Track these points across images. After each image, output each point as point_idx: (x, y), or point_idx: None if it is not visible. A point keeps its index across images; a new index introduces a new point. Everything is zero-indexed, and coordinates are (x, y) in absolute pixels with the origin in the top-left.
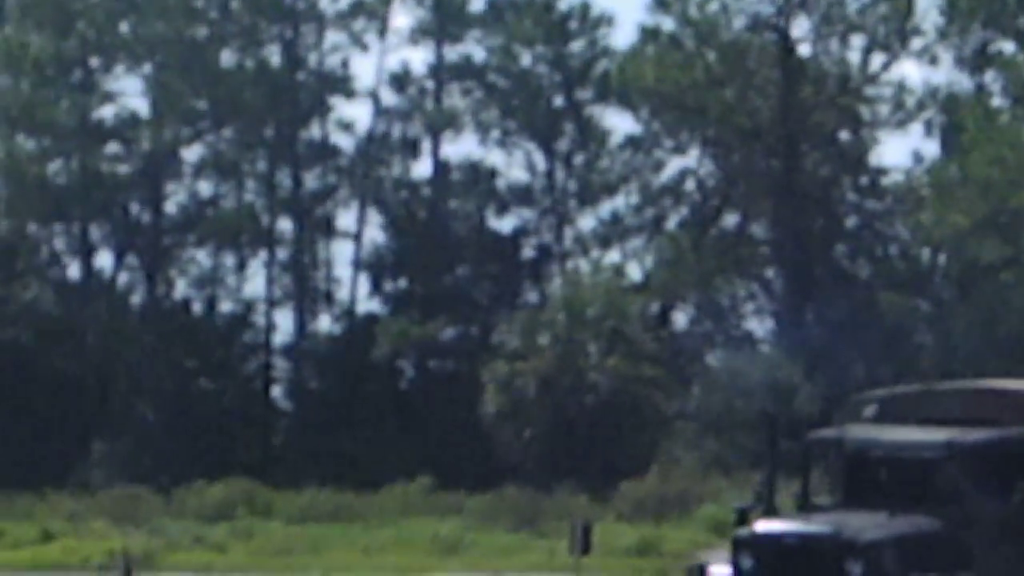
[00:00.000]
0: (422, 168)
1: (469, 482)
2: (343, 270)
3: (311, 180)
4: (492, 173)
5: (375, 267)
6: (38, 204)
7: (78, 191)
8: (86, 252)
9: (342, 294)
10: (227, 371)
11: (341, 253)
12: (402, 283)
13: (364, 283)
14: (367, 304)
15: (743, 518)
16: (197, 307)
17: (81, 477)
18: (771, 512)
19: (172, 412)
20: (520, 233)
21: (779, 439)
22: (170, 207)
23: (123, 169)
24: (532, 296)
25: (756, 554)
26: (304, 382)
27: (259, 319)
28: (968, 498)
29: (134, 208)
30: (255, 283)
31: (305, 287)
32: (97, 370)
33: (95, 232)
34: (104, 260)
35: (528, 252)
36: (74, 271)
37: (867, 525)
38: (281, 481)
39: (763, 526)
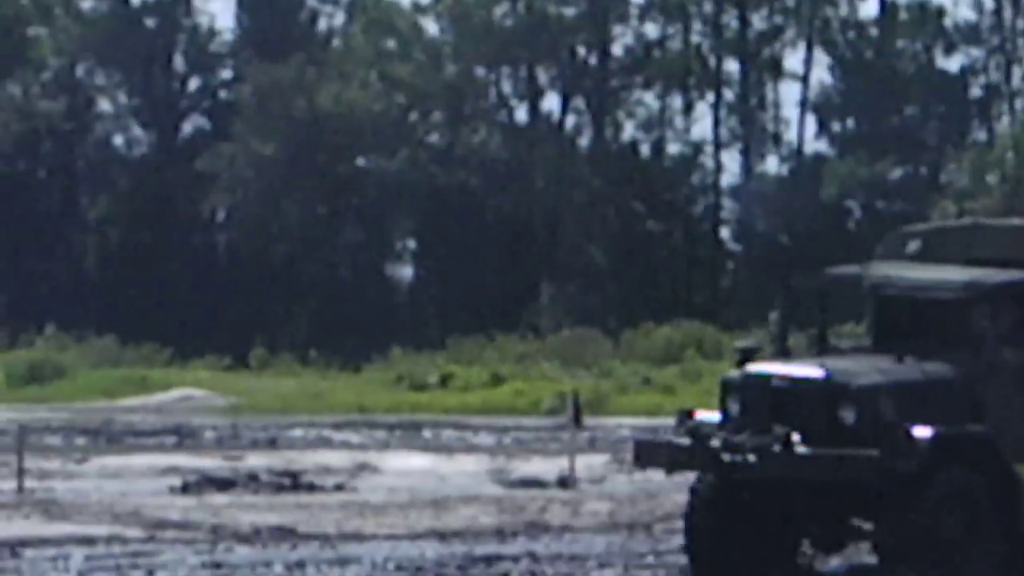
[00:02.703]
0: (869, 8)
1: None
2: (790, 111)
3: (758, 21)
4: (940, 12)
5: (822, 108)
6: (485, 48)
7: (525, 34)
8: (533, 95)
9: (789, 135)
10: (675, 213)
11: (788, 94)
12: (849, 124)
13: (811, 124)
14: (814, 145)
15: (745, 359)
16: (644, 149)
17: (530, 320)
18: (782, 354)
19: (620, 254)
20: (968, 72)
21: (792, 277)
22: (617, 49)
23: (570, 11)
24: (980, 135)
25: (743, 398)
26: (751, 223)
27: (707, 161)
28: (987, 345)
29: (581, 50)
30: (703, 125)
31: (752, 129)
32: (545, 213)
33: (542, 75)
34: (551, 103)
35: (976, 91)
36: (521, 114)
37: (866, 370)
38: (730, 322)
39: (754, 368)
